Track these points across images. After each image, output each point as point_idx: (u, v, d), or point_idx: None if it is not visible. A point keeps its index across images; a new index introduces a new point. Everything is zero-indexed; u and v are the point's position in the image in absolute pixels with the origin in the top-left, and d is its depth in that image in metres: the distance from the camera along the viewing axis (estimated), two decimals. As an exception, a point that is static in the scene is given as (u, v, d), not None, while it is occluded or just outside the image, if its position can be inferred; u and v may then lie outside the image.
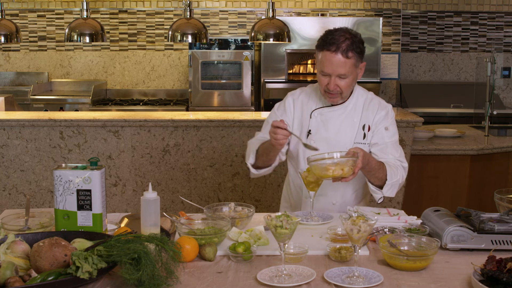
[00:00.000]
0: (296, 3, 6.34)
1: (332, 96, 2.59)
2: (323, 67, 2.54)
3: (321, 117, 2.68)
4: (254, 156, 2.62)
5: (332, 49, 2.50)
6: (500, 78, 6.53)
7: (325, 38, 2.54)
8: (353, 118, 2.67)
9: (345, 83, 2.55)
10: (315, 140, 2.66)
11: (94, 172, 2.11)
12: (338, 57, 2.50)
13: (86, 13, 4.05)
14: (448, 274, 1.92)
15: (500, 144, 4.27)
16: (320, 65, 2.56)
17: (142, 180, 4.08)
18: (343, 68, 2.51)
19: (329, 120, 2.67)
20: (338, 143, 2.63)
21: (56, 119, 3.99)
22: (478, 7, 6.58)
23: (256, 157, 2.62)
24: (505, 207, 2.43)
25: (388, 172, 2.52)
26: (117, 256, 1.76)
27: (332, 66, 2.51)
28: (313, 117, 2.69)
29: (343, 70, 2.51)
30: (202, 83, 5.86)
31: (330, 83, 2.54)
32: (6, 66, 6.50)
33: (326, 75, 2.55)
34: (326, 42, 2.53)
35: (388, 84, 6.52)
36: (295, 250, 2.04)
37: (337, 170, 2.29)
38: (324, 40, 2.54)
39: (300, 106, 2.73)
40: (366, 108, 2.68)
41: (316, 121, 2.68)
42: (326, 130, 2.66)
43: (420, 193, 4.21)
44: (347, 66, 2.51)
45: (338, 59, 2.50)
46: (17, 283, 1.68)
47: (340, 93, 2.58)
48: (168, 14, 6.41)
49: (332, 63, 2.51)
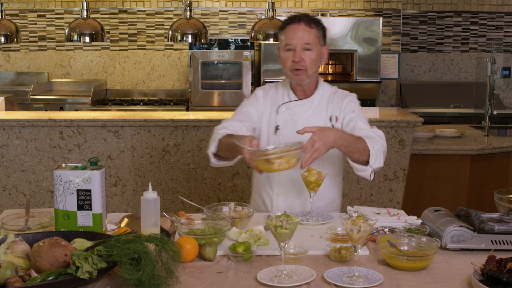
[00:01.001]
0: (296, 3, 6.34)
1: (298, 73, 2.58)
2: (288, 40, 2.57)
3: (288, 112, 2.67)
4: (216, 146, 2.55)
5: (295, 21, 2.58)
6: (500, 78, 6.53)
7: (287, 18, 2.65)
8: (320, 111, 2.67)
9: (309, 58, 2.56)
10: (283, 135, 2.65)
11: (94, 172, 2.11)
12: (302, 26, 2.56)
13: (86, 13, 4.06)
14: (448, 274, 1.92)
15: (500, 144, 4.27)
16: (284, 40, 2.59)
17: (142, 180, 4.08)
18: (307, 37, 2.55)
19: (296, 115, 2.66)
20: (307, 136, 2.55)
21: (56, 119, 3.99)
22: (478, 7, 6.59)
23: (219, 148, 2.55)
24: (505, 207, 2.43)
25: (367, 143, 2.45)
26: (117, 256, 1.76)
27: (296, 36, 2.56)
28: (280, 112, 2.68)
29: (307, 39, 2.55)
30: (202, 83, 5.86)
31: (295, 55, 2.56)
32: (6, 66, 6.50)
33: (290, 49, 2.57)
34: (287, 19, 2.63)
35: (388, 84, 6.52)
36: (295, 250, 2.04)
37: (283, 164, 2.22)
38: (286, 20, 2.65)
39: (270, 100, 2.71)
40: (331, 100, 2.69)
41: (284, 116, 2.67)
42: (294, 125, 2.63)
43: (420, 193, 4.21)
44: (311, 36, 2.56)
45: (302, 29, 2.56)
46: (17, 283, 1.68)
47: (305, 70, 2.57)
48: (168, 14, 6.41)
49: (296, 33, 2.56)
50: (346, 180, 4.00)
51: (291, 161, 2.23)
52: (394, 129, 3.97)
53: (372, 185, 4.05)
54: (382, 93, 6.48)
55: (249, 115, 2.69)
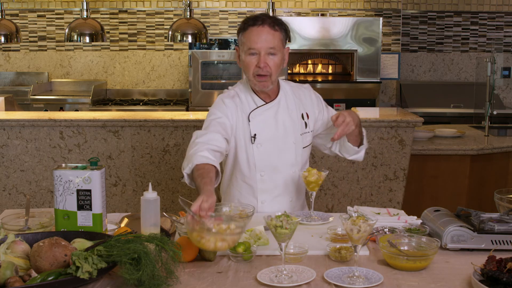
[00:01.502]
0: (296, 3, 6.34)
1: (262, 79, 2.47)
2: (251, 44, 2.44)
3: (260, 117, 2.57)
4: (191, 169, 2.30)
5: (258, 23, 2.44)
6: (500, 78, 6.53)
7: (247, 19, 2.50)
8: (290, 111, 2.61)
9: (274, 63, 2.45)
10: (261, 142, 2.56)
11: (94, 172, 2.11)
12: (266, 29, 2.43)
13: (86, 13, 4.06)
14: (448, 274, 1.92)
15: (500, 144, 4.27)
16: (247, 43, 2.45)
17: (142, 180, 4.08)
18: (272, 41, 2.43)
19: (269, 119, 2.57)
20: (284, 139, 2.58)
21: (56, 119, 3.99)
22: (478, 7, 6.58)
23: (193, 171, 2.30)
24: (505, 207, 2.43)
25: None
26: (117, 256, 1.76)
27: (261, 39, 2.43)
28: (252, 120, 2.56)
29: (271, 43, 2.43)
30: (202, 83, 5.86)
31: (260, 60, 2.44)
32: (6, 66, 6.50)
33: (254, 54, 2.45)
34: (249, 20, 2.48)
35: (388, 84, 6.52)
36: (295, 250, 2.04)
37: (219, 243, 1.89)
38: (247, 20, 2.49)
39: (238, 109, 2.57)
40: (297, 96, 2.65)
41: (257, 123, 2.56)
42: (269, 130, 2.57)
43: (420, 193, 4.21)
44: (275, 39, 2.45)
45: (266, 32, 2.43)
46: (17, 283, 1.68)
47: (270, 75, 2.47)
48: (168, 14, 6.41)
49: (260, 36, 2.43)
50: (346, 180, 4.00)
51: (227, 239, 1.90)
52: (394, 129, 3.97)
53: (372, 185, 4.05)
54: (382, 93, 6.48)
55: (225, 127, 2.51)
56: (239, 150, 2.58)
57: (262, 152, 2.57)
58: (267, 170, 2.59)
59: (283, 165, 2.57)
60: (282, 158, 2.58)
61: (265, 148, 2.56)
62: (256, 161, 2.57)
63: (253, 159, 2.57)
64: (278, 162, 2.58)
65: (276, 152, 2.58)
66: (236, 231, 1.89)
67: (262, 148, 2.56)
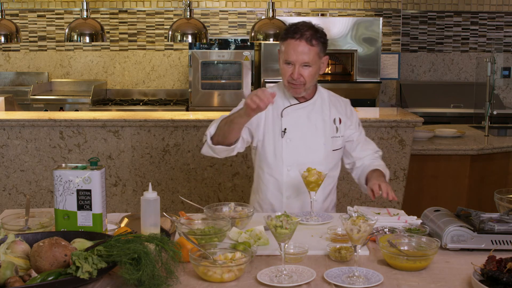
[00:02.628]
0: (296, 3, 6.34)
1: (296, 87, 2.59)
2: (287, 56, 2.55)
3: (292, 114, 2.68)
4: (215, 126, 2.55)
5: (296, 37, 2.53)
6: (500, 78, 6.53)
7: (289, 28, 2.58)
8: (323, 113, 2.70)
9: (308, 73, 2.56)
10: (290, 138, 2.66)
11: (94, 172, 2.11)
12: (302, 44, 2.53)
13: (86, 13, 4.05)
14: (448, 274, 1.92)
15: (500, 144, 4.27)
16: (284, 54, 2.56)
17: (142, 180, 4.08)
18: (307, 56, 2.53)
19: (301, 117, 2.68)
20: (314, 139, 2.67)
21: (56, 119, 3.99)
22: (478, 7, 6.58)
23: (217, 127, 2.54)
24: (505, 207, 2.43)
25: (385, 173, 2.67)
26: (117, 256, 1.76)
27: (296, 53, 2.52)
28: (284, 116, 2.67)
29: (307, 58, 2.53)
30: (202, 83, 5.86)
31: (294, 72, 2.55)
32: (6, 66, 6.50)
33: (289, 64, 2.55)
34: (289, 31, 2.56)
35: (388, 84, 6.52)
36: (295, 250, 2.04)
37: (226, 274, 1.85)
38: (288, 30, 2.58)
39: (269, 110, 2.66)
40: (333, 103, 2.75)
41: (289, 119, 2.67)
42: (299, 128, 2.67)
43: (420, 193, 4.21)
44: (311, 54, 2.53)
45: (302, 46, 2.53)
46: (17, 283, 1.68)
47: (303, 84, 2.58)
48: (168, 14, 6.41)
49: (296, 50, 2.52)
50: (346, 180, 4.00)
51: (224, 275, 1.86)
52: (394, 129, 3.97)
53: (372, 185, 4.04)
54: (382, 93, 6.48)
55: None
56: (267, 143, 2.67)
57: (290, 147, 2.65)
58: (294, 166, 2.64)
59: (310, 163, 2.61)
60: (310, 157, 2.64)
61: (294, 144, 2.65)
62: (284, 155, 2.65)
63: (281, 153, 2.65)
64: (306, 160, 2.62)
65: (305, 149, 2.66)
66: (241, 260, 1.88)
67: (291, 144, 2.65)
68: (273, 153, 2.67)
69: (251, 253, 1.96)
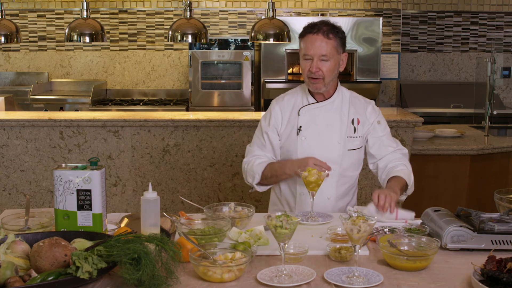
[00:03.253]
0: (296, 3, 6.34)
1: (315, 82, 2.65)
2: (306, 50, 2.64)
3: (309, 113, 2.73)
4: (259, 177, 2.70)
5: (314, 31, 2.63)
6: (500, 78, 6.53)
7: (307, 26, 2.69)
8: (341, 113, 2.74)
9: (327, 67, 2.63)
10: (305, 136, 2.70)
11: (94, 172, 2.11)
12: (319, 37, 2.62)
13: (86, 13, 4.05)
14: (448, 274, 1.92)
15: (500, 144, 4.27)
16: (303, 50, 2.66)
17: (142, 180, 4.08)
18: (325, 49, 2.61)
19: (318, 116, 2.73)
20: (329, 137, 2.71)
21: (56, 119, 3.99)
22: (478, 7, 6.58)
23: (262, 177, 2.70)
24: (505, 207, 2.43)
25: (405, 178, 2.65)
26: (117, 256, 1.76)
27: (314, 46, 2.61)
28: (301, 114, 2.74)
29: (324, 51, 2.61)
30: (202, 83, 5.86)
31: (312, 65, 2.62)
32: (6, 66, 6.50)
33: (308, 59, 2.64)
34: (307, 27, 2.67)
35: (388, 84, 6.52)
36: (295, 250, 2.04)
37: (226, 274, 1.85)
38: (306, 27, 2.68)
39: (288, 108, 2.78)
40: (353, 103, 2.78)
41: (305, 118, 2.73)
42: (315, 126, 2.71)
43: (420, 193, 4.20)
44: (328, 47, 2.61)
45: (320, 40, 2.61)
46: (17, 283, 1.68)
47: (322, 79, 2.64)
48: (168, 14, 6.41)
49: (314, 43, 2.61)
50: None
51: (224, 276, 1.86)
52: (394, 129, 3.97)
53: (372, 185, 4.05)
54: (382, 93, 6.48)
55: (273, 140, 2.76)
56: (283, 140, 2.76)
57: (305, 145, 2.70)
58: None
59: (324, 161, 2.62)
60: (324, 155, 2.66)
61: (309, 142, 2.70)
62: (299, 153, 2.70)
63: (296, 150, 2.71)
64: (320, 158, 2.63)
65: (319, 147, 2.69)
66: (241, 260, 1.88)
67: (306, 142, 2.70)
68: (289, 150, 2.73)
69: (251, 253, 1.96)
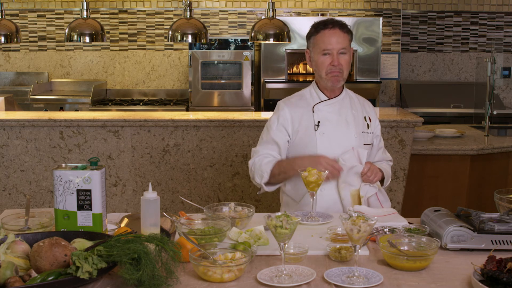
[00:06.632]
0: (296, 3, 6.34)
1: (336, 75, 2.67)
2: (325, 45, 2.66)
3: (324, 109, 2.75)
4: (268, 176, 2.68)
5: (330, 26, 2.67)
6: (500, 78, 6.53)
7: (318, 24, 2.72)
8: (353, 109, 2.78)
9: (345, 61, 2.68)
10: (323, 131, 2.72)
11: (94, 172, 2.11)
12: (337, 32, 2.67)
13: (86, 13, 4.05)
14: (448, 274, 1.92)
15: (500, 144, 4.27)
16: (321, 46, 2.67)
17: (142, 180, 4.08)
18: (343, 42, 2.66)
19: (333, 112, 2.76)
20: (346, 132, 2.73)
21: (56, 119, 3.99)
22: (478, 7, 6.58)
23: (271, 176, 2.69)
24: (505, 207, 2.43)
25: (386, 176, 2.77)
26: (117, 256, 1.76)
27: (334, 41, 2.65)
28: (316, 111, 2.76)
29: (343, 44, 2.66)
30: (202, 83, 5.86)
31: (334, 59, 2.65)
32: (6, 66, 6.50)
33: (327, 54, 2.66)
34: (320, 24, 2.70)
35: (388, 84, 6.52)
36: (295, 250, 2.04)
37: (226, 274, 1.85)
38: (317, 24, 2.71)
39: (298, 107, 2.78)
40: (361, 102, 2.84)
41: (321, 114, 2.75)
42: (333, 121, 2.74)
43: (420, 193, 4.21)
44: (345, 40, 2.68)
45: (337, 34, 2.66)
46: (17, 283, 1.68)
47: (341, 72, 2.67)
48: (168, 14, 6.41)
49: (332, 38, 2.65)
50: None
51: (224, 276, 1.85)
52: (394, 129, 3.97)
53: (372, 185, 4.04)
54: (382, 93, 6.48)
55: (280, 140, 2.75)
56: (300, 138, 2.75)
57: (324, 140, 2.71)
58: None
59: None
60: (342, 149, 2.69)
61: (328, 136, 2.71)
62: (318, 148, 2.70)
63: (315, 145, 2.71)
64: (338, 152, 2.67)
65: (337, 142, 2.70)
66: (241, 260, 1.88)
67: (325, 136, 2.71)
68: (306, 147, 2.73)
69: (251, 253, 1.96)
